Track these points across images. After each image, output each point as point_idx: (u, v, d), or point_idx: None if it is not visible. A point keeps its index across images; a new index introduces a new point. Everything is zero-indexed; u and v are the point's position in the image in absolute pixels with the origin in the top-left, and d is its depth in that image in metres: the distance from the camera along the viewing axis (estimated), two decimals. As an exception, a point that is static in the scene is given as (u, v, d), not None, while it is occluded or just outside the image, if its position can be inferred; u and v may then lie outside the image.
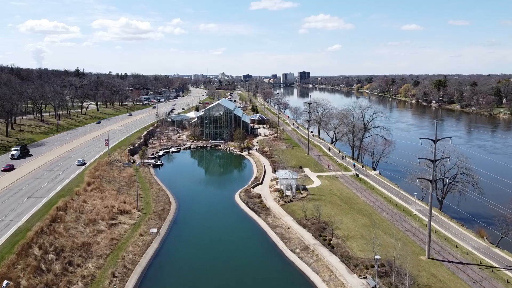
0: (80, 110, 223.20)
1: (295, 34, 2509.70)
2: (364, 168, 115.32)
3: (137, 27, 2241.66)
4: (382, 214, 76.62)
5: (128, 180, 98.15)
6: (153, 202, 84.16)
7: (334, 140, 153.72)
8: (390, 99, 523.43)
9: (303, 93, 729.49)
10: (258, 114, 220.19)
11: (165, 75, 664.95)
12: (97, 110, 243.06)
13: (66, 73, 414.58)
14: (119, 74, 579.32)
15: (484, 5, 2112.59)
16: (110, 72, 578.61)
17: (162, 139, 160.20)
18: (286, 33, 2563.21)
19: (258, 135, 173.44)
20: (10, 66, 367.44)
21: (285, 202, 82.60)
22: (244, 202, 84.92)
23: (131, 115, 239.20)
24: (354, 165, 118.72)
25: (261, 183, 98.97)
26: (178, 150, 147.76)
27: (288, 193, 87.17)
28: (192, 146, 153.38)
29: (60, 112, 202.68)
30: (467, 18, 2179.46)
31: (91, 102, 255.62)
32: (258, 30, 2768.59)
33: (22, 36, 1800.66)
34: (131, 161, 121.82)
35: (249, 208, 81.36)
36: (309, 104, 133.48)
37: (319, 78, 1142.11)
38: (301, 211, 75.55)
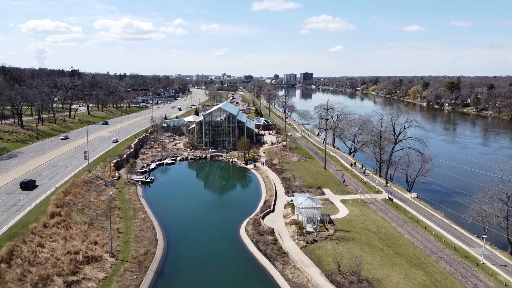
0: (68, 113, 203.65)
1: (296, 35, 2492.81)
2: (389, 185, 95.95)
3: (139, 28, 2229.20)
4: (439, 264, 56.84)
5: (107, 206, 78.44)
6: (134, 241, 64.52)
7: (353, 150, 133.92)
8: (398, 101, 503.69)
9: (306, 94, 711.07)
10: (263, 119, 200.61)
11: (165, 75, 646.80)
12: (88, 113, 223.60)
13: (61, 73, 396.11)
14: (117, 74, 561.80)
15: (487, 6, 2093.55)
16: (108, 72, 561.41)
17: (156, 148, 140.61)
18: (288, 33, 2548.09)
19: (264, 143, 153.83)
20: (2, 65, 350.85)
21: (307, 242, 62.89)
22: (252, 240, 65.21)
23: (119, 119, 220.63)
24: (364, 172, 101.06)
25: (273, 210, 79.28)
26: (173, 161, 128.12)
27: (309, 228, 67.50)
28: (189, 157, 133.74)
29: (45, 116, 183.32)
30: (469, 19, 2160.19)
31: (81, 104, 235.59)
32: (259, 31, 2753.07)
33: (23, 36, 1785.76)
34: (116, 177, 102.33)
35: (260, 250, 61.65)
36: (327, 109, 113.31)
37: (322, 79, 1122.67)
38: (331, 260, 55.93)
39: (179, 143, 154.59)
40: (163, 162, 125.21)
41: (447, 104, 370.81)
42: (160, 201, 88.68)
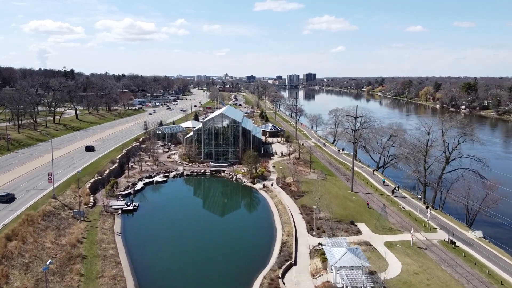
0: (52, 118, 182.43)
1: (298, 36, 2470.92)
2: (429, 211, 74.17)
3: (141, 28, 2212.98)
4: None
5: (67, 255, 57.01)
6: (93, 324, 42.98)
7: (383, 165, 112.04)
8: (406, 103, 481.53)
9: (310, 96, 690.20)
10: (270, 124, 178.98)
11: (165, 76, 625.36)
12: (76, 117, 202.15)
13: (54, 73, 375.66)
14: (116, 75, 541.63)
15: (489, 6, 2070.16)
16: (106, 73, 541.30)
17: (146, 162, 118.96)
18: (290, 34, 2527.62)
19: (273, 155, 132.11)
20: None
21: (356, 329, 41.15)
22: (271, 322, 43.54)
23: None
24: (384, 182, 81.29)
25: (295, 262, 57.42)
26: (166, 179, 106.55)
27: (354, 300, 45.78)
28: (185, 172, 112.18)
29: (24, 121, 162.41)
30: (472, 19, 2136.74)
31: (69, 107, 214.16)
32: (261, 31, 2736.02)
33: (25, 36, 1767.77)
34: (91, 203, 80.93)
35: None
36: (355, 117, 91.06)
37: (325, 80, 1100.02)
38: None
39: (175, 154, 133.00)
40: (152, 180, 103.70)
41: (463, 107, 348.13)
42: (142, 242, 67.13)
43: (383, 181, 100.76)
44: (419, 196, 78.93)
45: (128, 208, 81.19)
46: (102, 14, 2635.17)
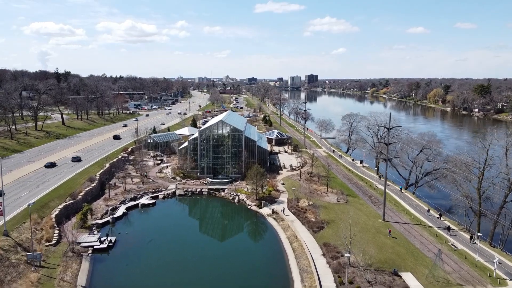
0: (34, 124, 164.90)
1: (299, 37, 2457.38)
2: (473, 240, 56.69)
3: (142, 30, 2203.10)
4: None
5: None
6: None
7: (414, 183, 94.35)
8: (413, 105, 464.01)
9: (312, 98, 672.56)
10: (275, 131, 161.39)
11: (164, 78, 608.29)
12: (63, 123, 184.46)
13: (46, 75, 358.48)
14: (113, 76, 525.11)
15: (491, 8, 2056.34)
16: (104, 74, 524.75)
17: (133, 178, 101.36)
18: (291, 36, 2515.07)
19: (281, 168, 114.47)
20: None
21: None
22: None
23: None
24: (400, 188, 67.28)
25: None
26: (154, 201, 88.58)
27: None
28: (178, 192, 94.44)
29: (0, 128, 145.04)
30: (474, 21, 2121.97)
31: (54, 111, 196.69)
32: (262, 33, 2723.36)
33: (27, 38, 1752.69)
34: (53, 240, 63.32)
35: None
36: (388, 129, 72.99)
37: (327, 82, 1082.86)
38: None
39: (167, 167, 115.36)
40: (138, 203, 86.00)
41: (476, 110, 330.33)
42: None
43: (400, 188, 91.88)
44: (478, 234, 61.15)
45: (102, 246, 63.54)
46: (103, 16, 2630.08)
